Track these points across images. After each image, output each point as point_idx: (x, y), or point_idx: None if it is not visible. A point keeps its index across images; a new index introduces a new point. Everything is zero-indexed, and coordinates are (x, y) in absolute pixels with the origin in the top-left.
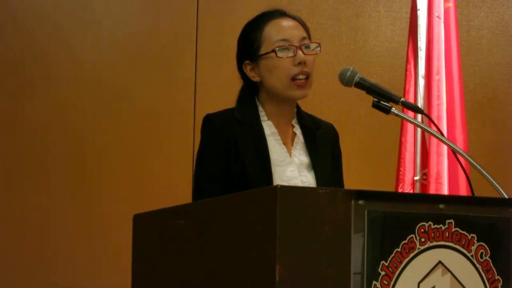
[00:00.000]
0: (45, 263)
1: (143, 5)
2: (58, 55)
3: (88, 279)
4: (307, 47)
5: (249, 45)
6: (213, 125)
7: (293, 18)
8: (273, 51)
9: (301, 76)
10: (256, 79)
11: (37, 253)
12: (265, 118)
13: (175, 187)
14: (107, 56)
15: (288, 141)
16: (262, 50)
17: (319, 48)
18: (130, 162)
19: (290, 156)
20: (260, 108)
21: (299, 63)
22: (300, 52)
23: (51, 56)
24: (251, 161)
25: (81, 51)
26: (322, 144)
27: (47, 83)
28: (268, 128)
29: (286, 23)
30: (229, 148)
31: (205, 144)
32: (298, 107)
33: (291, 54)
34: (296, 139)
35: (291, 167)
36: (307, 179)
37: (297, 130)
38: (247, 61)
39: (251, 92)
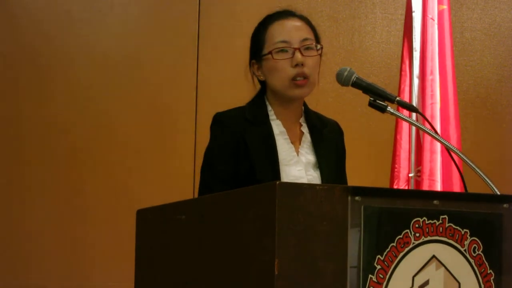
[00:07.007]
0: (50, 256)
1: (145, 7)
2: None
3: (92, 272)
4: (308, 48)
5: (255, 45)
6: (222, 123)
7: (301, 18)
8: (270, 52)
9: (298, 78)
10: (261, 78)
11: (40, 246)
12: (274, 117)
13: (177, 183)
14: (111, 56)
15: (295, 140)
16: (264, 51)
17: (321, 50)
18: (133, 159)
19: (298, 155)
20: (269, 108)
21: (297, 65)
22: (297, 54)
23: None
24: (259, 161)
25: (87, 50)
26: (328, 143)
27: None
28: (277, 127)
29: (290, 24)
30: (238, 147)
31: (214, 143)
32: (305, 105)
33: (289, 56)
34: (303, 138)
35: (299, 167)
36: (313, 178)
37: (305, 129)
38: (253, 61)
39: (261, 91)
